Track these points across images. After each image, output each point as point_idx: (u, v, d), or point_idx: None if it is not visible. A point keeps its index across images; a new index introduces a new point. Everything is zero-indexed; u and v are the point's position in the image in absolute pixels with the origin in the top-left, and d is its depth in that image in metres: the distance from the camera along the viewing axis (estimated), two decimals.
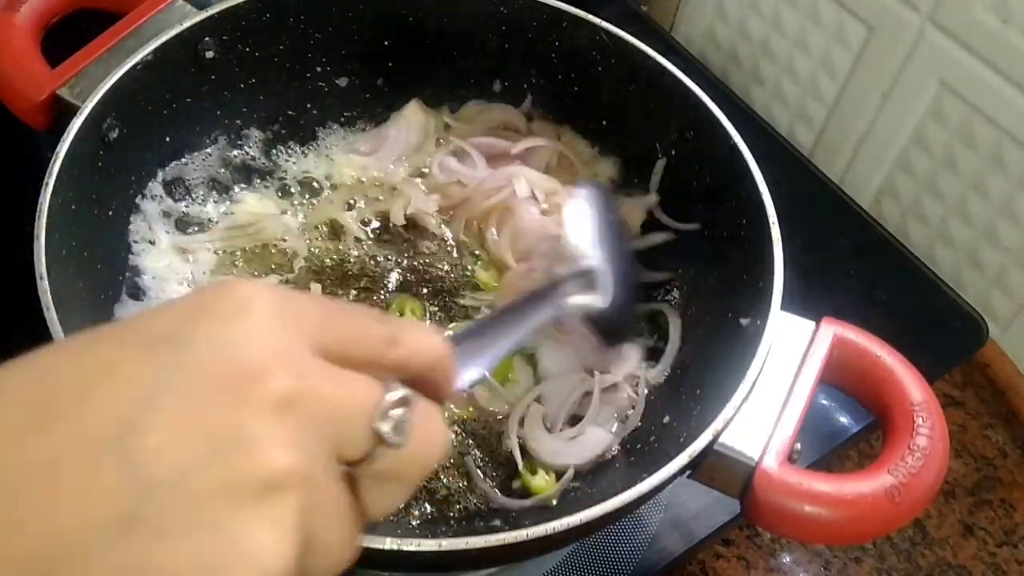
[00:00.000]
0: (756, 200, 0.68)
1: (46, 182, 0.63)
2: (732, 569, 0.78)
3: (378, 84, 0.86)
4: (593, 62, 0.80)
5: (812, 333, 0.63)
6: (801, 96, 1.03)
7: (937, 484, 0.58)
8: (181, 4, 0.76)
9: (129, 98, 0.71)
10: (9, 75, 0.73)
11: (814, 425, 0.71)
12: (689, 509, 0.76)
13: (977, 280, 0.93)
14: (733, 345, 0.65)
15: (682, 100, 0.75)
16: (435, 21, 0.83)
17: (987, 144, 0.87)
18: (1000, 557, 0.81)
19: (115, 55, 0.72)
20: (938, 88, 0.89)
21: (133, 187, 0.75)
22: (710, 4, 1.09)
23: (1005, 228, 0.89)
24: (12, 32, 0.74)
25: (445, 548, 0.52)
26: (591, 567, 0.73)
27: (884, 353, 0.62)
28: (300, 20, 0.80)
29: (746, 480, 0.58)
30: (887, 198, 0.99)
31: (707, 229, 0.76)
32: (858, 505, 0.56)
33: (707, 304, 0.74)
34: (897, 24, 0.90)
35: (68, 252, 0.65)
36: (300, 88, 0.84)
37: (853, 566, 0.80)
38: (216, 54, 0.76)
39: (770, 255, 0.65)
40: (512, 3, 0.80)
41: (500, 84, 0.86)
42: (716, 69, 1.11)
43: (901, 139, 0.94)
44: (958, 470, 0.86)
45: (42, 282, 0.59)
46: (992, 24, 0.82)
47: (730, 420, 0.58)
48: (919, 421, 0.58)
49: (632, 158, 0.82)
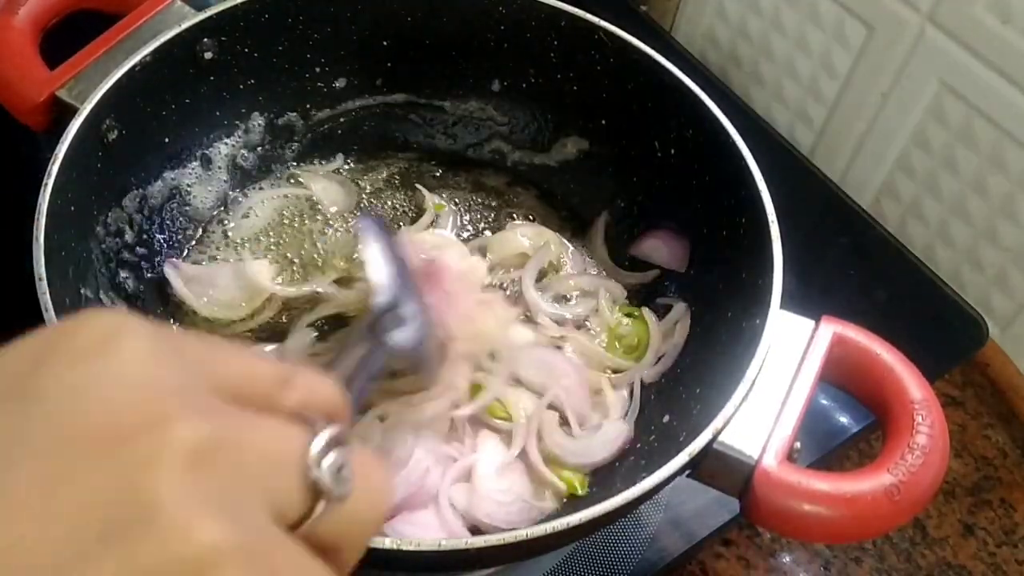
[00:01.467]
0: (756, 200, 0.68)
1: (45, 183, 0.63)
2: (732, 569, 0.78)
3: (377, 84, 0.86)
4: (592, 62, 0.80)
5: (811, 332, 0.63)
6: (801, 96, 1.03)
7: (937, 483, 0.58)
8: (180, 5, 0.76)
9: (128, 99, 0.71)
10: (8, 76, 0.73)
11: (814, 425, 0.71)
12: (689, 509, 0.76)
13: (977, 280, 0.93)
14: (733, 344, 0.65)
15: (682, 100, 0.75)
16: (434, 21, 0.83)
17: (987, 144, 0.87)
18: (1000, 557, 0.81)
19: (114, 56, 0.72)
20: (938, 88, 0.89)
21: (132, 188, 0.75)
22: (710, 4, 1.09)
23: (1005, 228, 0.89)
24: (11, 33, 0.74)
25: (445, 548, 0.52)
26: (591, 567, 0.73)
27: (883, 351, 0.62)
28: (299, 21, 0.80)
29: (746, 479, 0.58)
30: (887, 198, 0.99)
31: (706, 229, 0.76)
32: (858, 504, 0.56)
33: (707, 303, 0.74)
34: (897, 24, 0.90)
35: (67, 253, 0.65)
36: (299, 88, 0.84)
37: (853, 566, 0.79)
38: (215, 55, 0.76)
39: (770, 254, 0.65)
40: (511, 3, 0.80)
41: (499, 84, 0.86)
42: (716, 69, 1.11)
43: (901, 139, 0.94)
44: (958, 470, 0.86)
45: (41, 283, 0.59)
46: (992, 24, 0.82)
47: (730, 419, 0.58)
48: (919, 419, 0.58)
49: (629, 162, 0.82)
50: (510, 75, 0.85)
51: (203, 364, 0.29)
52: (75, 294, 0.65)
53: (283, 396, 0.31)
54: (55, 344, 0.27)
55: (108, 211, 0.72)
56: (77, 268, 0.67)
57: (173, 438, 0.25)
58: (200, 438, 0.26)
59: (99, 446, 0.25)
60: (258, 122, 0.83)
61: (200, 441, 0.26)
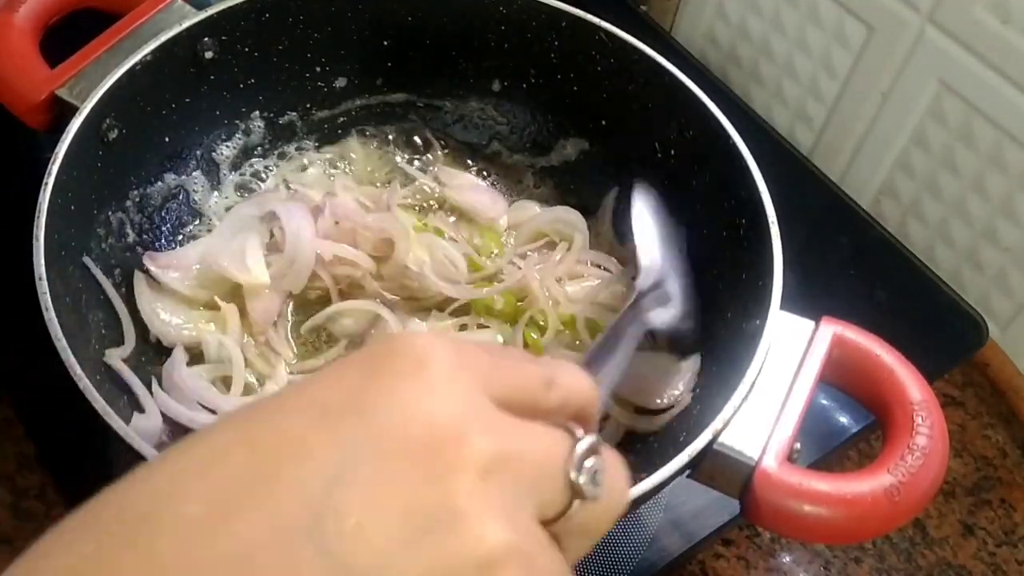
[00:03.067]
0: (756, 200, 0.68)
1: (45, 182, 0.63)
2: (732, 569, 0.78)
3: (377, 84, 0.86)
4: (592, 62, 0.80)
5: (811, 332, 0.63)
6: (801, 96, 1.03)
7: (937, 483, 0.58)
8: (180, 4, 0.76)
9: (128, 98, 0.71)
10: (8, 75, 0.73)
11: (814, 425, 0.71)
12: (689, 509, 0.76)
13: (977, 280, 0.93)
14: (732, 344, 0.65)
15: (682, 100, 0.75)
16: (434, 21, 0.83)
17: (987, 144, 0.87)
18: (1000, 557, 0.81)
19: (114, 55, 0.72)
20: (938, 88, 0.89)
21: (133, 187, 0.75)
22: (710, 4, 1.09)
23: (1005, 228, 0.89)
24: (11, 32, 0.74)
25: None
26: (591, 567, 0.73)
27: (883, 352, 0.62)
28: (299, 20, 0.80)
29: (746, 480, 0.58)
30: (887, 198, 0.99)
31: (706, 229, 0.76)
32: (858, 504, 0.56)
33: (706, 303, 0.73)
34: (897, 24, 0.90)
35: (67, 253, 0.65)
36: (299, 88, 0.84)
37: (853, 566, 0.79)
38: (215, 54, 0.76)
39: (769, 255, 0.65)
40: (511, 3, 0.80)
41: (499, 84, 0.86)
42: (716, 69, 1.11)
43: (901, 139, 0.94)
44: (958, 470, 0.86)
45: (41, 283, 0.59)
46: (992, 24, 0.82)
47: (729, 420, 0.58)
48: (919, 420, 0.58)
49: (629, 163, 0.82)
50: (510, 75, 0.85)
51: (487, 377, 0.33)
52: (75, 293, 0.65)
53: (547, 398, 0.35)
54: (382, 364, 0.32)
55: (108, 210, 0.72)
56: (77, 267, 0.67)
57: (470, 452, 0.30)
58: (490, 451, 0.30)
59: (420, 455, 0.30)
60: (258, 122, 0.83)
61: (490, 454, 0.30)
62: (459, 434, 0.30)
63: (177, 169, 0.79)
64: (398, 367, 0.32)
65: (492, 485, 0.30)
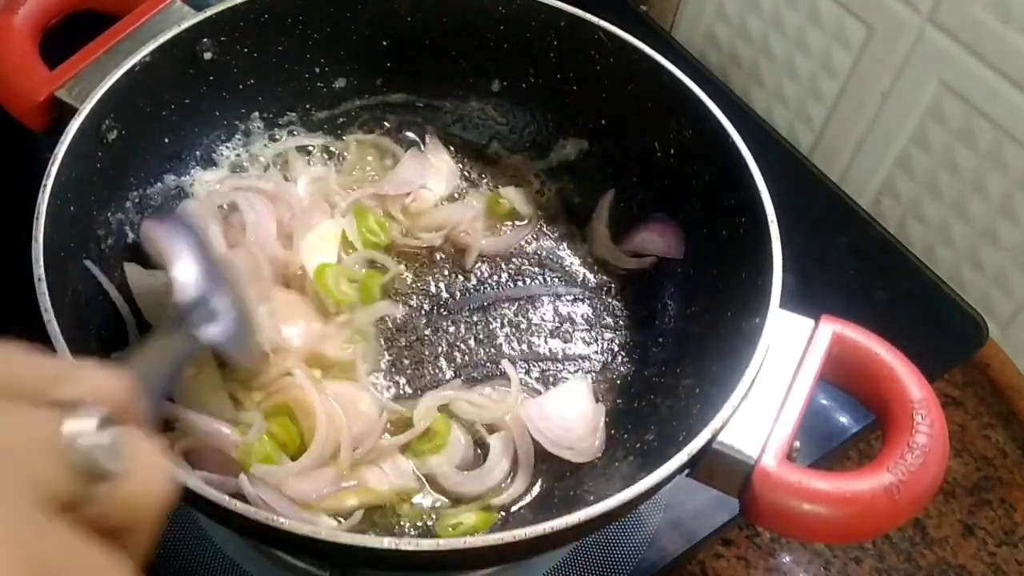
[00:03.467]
0: (755, 200, 0.68)
1: (44, 183, 0.63)
2: (732, 569, 0.78)
3: (377, 84, 0.86)
4: (592, 62, 0.80)
5: (811, 331, 0.63)
6: (801, 96, 1.03)
7: (937, 482, 0.57)
8: (179, 5, 0.76)
9: (128, 99, 0.71)
10: (8, 77, 0.73)
11: (814, 425, 0.71)
12: (689, 509, 0.76)
13: (977, 280, 0.93)
14: (732, 343, 0.65)
15: (681, 100, 0.75)
16: (434, 21, 0.83)
17: (987, 144, 0.87)
18: (1000, 557, 0.81)
19: (113, 56, 0.72)
20: (938, 88, 0.89)
21: (132, 188, 0.75)
22: (710, 4, 1.09)
23: (1005, 228, 0.89)
24: (11, 34, 0.74)
25: (443, 548, 0.52)
26: (591, 567, 0.73)
27: (883, 350, 0.62)
28: (298, 21, 0.80)
29: (745, 479, 0.58)
30: (887, 198, 0.99)
31: (706, 228, 0.76)
32: (858, 503, 0.56)
33: (706, 303, 0.74)
34: (897, 24, 0.90)
35: (67, 254, 0.65)
36: (299, 88, 0.84)
37: (853, 566, 0.79)
38: (214, 55, 0.76)
39: (769, 254, 0.65)
40: (511, 3, 0.80)
41: (499, 84, 0.86)
42: (716, 69, 1.11)
43: (901, 139, 0.94)
44: (958, 470, 0.86)
45: (40, 284, 0.59)
46: (992, 24, 0.82)
47: (729, 419, 0.58)
48: (918, 419, 0.58)
49: (629, 163, 0.82)
50: (510, 75, 0.85)
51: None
52: (74, 294, 0.65)
53: (56, 391, 0.33)
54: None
55: (108, 211, 0.72)
56: (77, 268, 0.67)
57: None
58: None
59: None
60: (258, 123, 0.83)
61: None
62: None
63: (177, 170, 0.79)
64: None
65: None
